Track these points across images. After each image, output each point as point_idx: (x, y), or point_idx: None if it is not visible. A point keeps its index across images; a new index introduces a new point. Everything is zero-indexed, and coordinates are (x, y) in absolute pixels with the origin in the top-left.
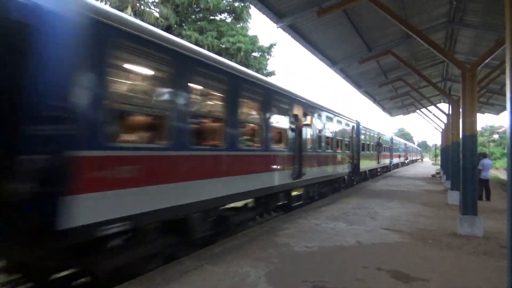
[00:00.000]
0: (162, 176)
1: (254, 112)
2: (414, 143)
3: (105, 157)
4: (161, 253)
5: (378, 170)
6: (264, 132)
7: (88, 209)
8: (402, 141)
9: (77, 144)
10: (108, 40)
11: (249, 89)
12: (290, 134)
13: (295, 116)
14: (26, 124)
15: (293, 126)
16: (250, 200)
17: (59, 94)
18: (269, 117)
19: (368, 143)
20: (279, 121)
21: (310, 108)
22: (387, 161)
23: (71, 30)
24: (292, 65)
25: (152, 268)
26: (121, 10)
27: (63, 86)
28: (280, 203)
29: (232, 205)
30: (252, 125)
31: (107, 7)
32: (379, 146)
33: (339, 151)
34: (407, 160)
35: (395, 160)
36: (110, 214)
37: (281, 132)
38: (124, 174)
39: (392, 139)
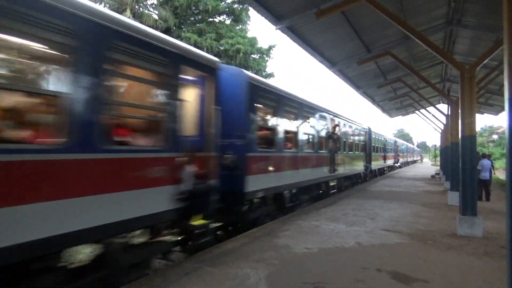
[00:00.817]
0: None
1: None
2: (413, 144)
3: None
4: None
5: (332, 185)
6: None
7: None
8: (391, 137)
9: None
10: None
11: None
12: None
13: None
14: None
15: None
16: None
17: None
18: None
19: (302, 132)
20: None
21: None
22: (357, 168)
23: None
24: (292, 66)
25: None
26: (120, 13)
27: None
28: None
29: None
30: None
31: None
32: (335, 142)
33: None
34: (399, 163)
35: (377, 164)
36: None
37: None
38: None
39: (369, 131)
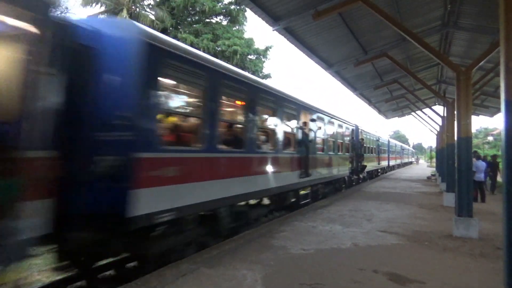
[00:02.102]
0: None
1: None
2: (409, 145)
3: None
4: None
5: None
6: None
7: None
8: (348, 120)
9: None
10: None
11: None
12: None
13: None
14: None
15: None
16: None
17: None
18: None
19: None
20: None
21: None
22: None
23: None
24: (291, 66)
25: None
26: (117, 13)
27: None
28: None
29: None
30: None
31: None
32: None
33: None
34: (367, 171)
35: (286, 179)
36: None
37: None
38: None
39: (254, 87)
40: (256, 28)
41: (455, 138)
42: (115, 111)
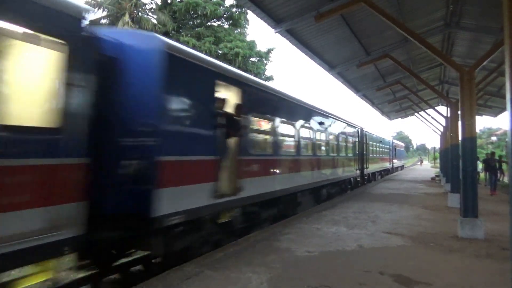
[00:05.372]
0: None
1: None
2: (412, 146)
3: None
4: None
5: None
6: None
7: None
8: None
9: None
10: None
11: None
12: None
13: None
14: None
15: None
16: None
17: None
18: None
19: None
20: None
21: None
22: None
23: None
24: (293, 68)
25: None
26: (119, 18)
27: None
28: None
29: None
30: None
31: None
32: None
33: None
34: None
35: None
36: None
37: None
38: None
39: None
40: (258, 31)
41: (459, 139)
42: None
